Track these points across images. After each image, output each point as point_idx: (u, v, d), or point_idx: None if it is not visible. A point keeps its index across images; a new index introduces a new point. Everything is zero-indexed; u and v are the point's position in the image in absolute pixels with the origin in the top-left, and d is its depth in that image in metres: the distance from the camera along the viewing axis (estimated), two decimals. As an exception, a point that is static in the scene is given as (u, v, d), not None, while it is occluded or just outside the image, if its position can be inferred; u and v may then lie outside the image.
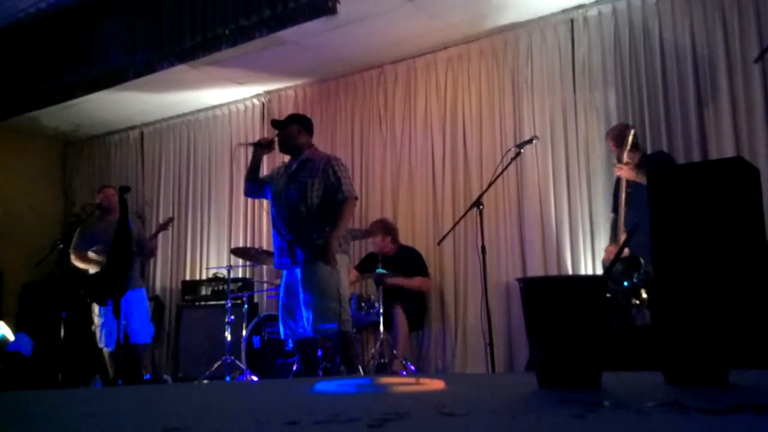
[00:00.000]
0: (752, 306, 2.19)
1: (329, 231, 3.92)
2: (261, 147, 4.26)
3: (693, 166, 3.55)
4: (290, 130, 4.17)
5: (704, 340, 1.55)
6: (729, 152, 4.57)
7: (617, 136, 4.47)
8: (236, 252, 5.96)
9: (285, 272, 4.13)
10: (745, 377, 1.63)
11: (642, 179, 4.03)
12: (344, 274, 4.01)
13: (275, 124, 4.29)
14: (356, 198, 4.12)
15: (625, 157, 4.23)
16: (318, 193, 3.98)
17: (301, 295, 3.97)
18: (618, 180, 4.53)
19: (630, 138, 4.24)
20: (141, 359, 5.23)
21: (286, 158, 4.29)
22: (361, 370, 4.21)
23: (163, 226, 5.61)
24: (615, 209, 4.57)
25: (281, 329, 4.14)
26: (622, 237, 4.24)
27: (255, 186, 4.29)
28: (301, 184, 4.02)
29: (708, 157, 4.65)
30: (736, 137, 4.62)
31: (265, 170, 4.68)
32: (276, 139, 4.24)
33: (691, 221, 2.33)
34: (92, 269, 5.27)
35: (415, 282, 5.38)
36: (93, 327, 5.31)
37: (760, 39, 4.55)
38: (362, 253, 5.94)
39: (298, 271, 4.00)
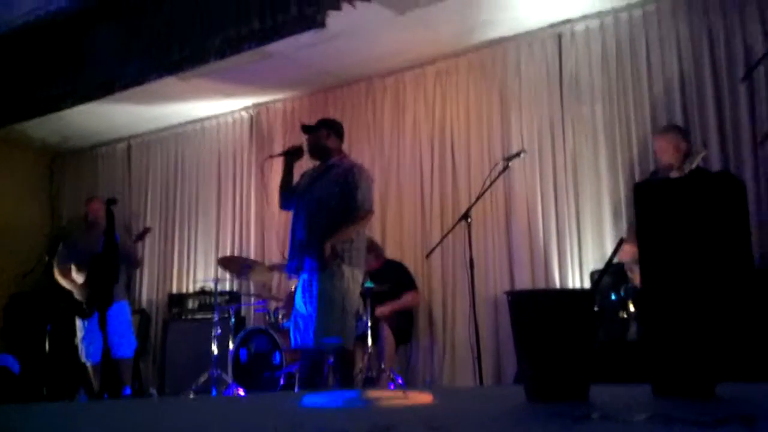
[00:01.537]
0: (739, 319, 2.20)
1: (329, 236, 3.80)
2: (290, 155, 4.15)
3: (680, 180, 3.57)
4: (319, 134, 4.09)
5: (692, 352, 1.56)
6: (715, 167, 4.60)
7: (674, 142, 4.21)
8: (223, 261, 5.88)
9: (299, 279, 4.01)
10: (732, 390, 1.64)
11: None
12: (353, 288, 3.87)
13: (305, 128, 4.17)
14: (371, 211, 3.99)
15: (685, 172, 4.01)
16: (335, 200, 3.89)
17: (305, 304, 3.88)
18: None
19: (698, 160, 4.05)
20: (121, 373, 5.16)
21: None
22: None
23: (140, 236, 5.56)
24: None
25: (291, 338, 4.03)
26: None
27: (290, 196, 4.14)
28: (322, 189, 3.95)
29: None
30: (723, 153, 4.65)
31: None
32: (304, 144, 4.13)
33: (678, 234, 2.34)
34: (72, 288, 5.22)
35: (405, 301, 5.34)
36: (76, 340, 5.26)
37: (746, 56, 4.59)
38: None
39: (305, 277, 3.92)
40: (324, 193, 3.93)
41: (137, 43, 5.61)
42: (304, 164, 4.32)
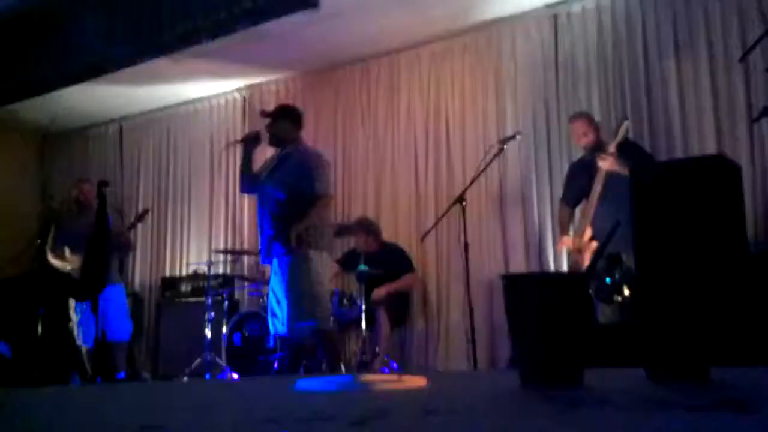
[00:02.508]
0: (733, 303, 2.20)
1: (292, 224, 3.89)
2: (249, 142, 4.23)
3: (675, 163, 3.57)
4: (278, 122, 4.15)
5: (686, 337, 1.55)
6: (711, 149, 4.59)
7: (593, 122, 4.39)
8: (219, 251, 5.91)
9: (271, 268, 4.11)
10: (726, 374, 1.64)
11: (623, 171, 4.00)
12: (322, 271, 3.97)
13: (264, 114, 4.25)
14: (329, 196, 4.07)
15: (612, 147, 4.14)
16: (293, 189, 3.97)
17: (278, 292, 3.98)
18: (575, 169, 4.51)
19: (623, 131, 4.16)
20: (115, 357, 5.16)
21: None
22: (342, 368, 4.19)
23: (139, 218, 5.53)
24: (572, 202, 4.51)
25: (270, 326, 4.13)
26: (587, 230, 4.19)
27: (250, 181, 4.24)
28: (279, 178, 4.03)
29: (690, 153, 4.68)
30: (718, 134, 4.64)
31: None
32: (262, 131, 4.21)
33: (673, 218, 2.33)
34: (69, 268, 5.19)
35: (403, 282, 5.32)
36: (70, 324, 5.24)
37: (743, 36, 4.57)
38: (343, 249, 5.92)
39: (275, 266, 4.02)
40: (282, 182, 4.00)
41: (128, 23, 5.55)
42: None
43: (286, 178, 4.01)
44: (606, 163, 4.14)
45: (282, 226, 3.93)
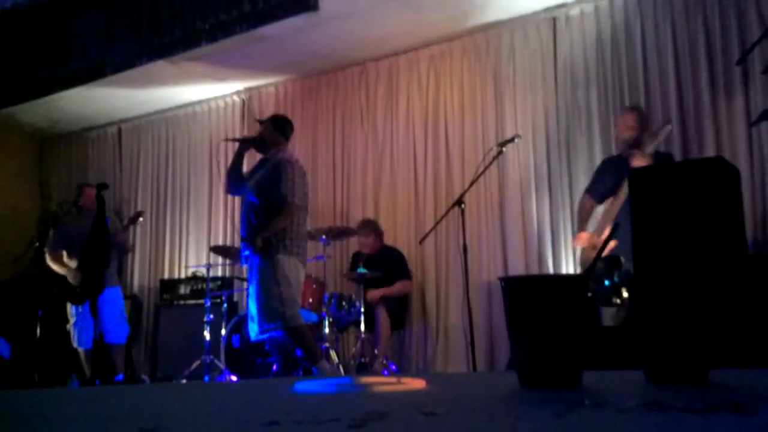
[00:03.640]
0: (732, 305, 2.20)
1: (260, 230, 3.98)
2: (246, 142, 4.31)
3: (674, 166, 3.57)
4: (265, 129, 4.26)
5: (685, 338, 1.55)
6: (709, 152, 4.60)
7: (643, 120, 4.33)
8: (216, 250, 5.92)
9: (248, 273, 4.23)
10: (725, 376, 1.63)
11: None
12: (291, 274, 4.01)
13: (257, 121, 4.42)
14: (293, 203, 4.04)
15: (651, 148, 4.06)
16: (262, 192, 4.05)
17: (252, 296, 4.07)
18: (609, 164, 4.45)
19: (663, 134, 4.11)
20: (113, 359, 5.16)
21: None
22: (335, 358, 4.24)
23: (132, 220, 5.55)
24: (597, 196, 4.40)
25: (249, 330, 4.22)
26: (607, 229, 4.15)
27: (236, 182, 4.32)
28: (254, 183, 4.12)
29: (689, 156, 4.68)
30: (717, 137, 4.65)
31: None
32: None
33: (672, 220, 2.34)
34: (65, 272, 5.20)
35: (396, 288, 5.35)
36: (68, 326, 5.24)
37: (741, 39, 4.58)
38: (346, 252, 5.94)
39: (249, 269, 4.12)
40: (256, 187, 4.09)
41: (127, 25, 5.57)
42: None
43: (259, 183, 4.09)
44: (641, 164, 4.03)
45: (253, 230, 4.02)
